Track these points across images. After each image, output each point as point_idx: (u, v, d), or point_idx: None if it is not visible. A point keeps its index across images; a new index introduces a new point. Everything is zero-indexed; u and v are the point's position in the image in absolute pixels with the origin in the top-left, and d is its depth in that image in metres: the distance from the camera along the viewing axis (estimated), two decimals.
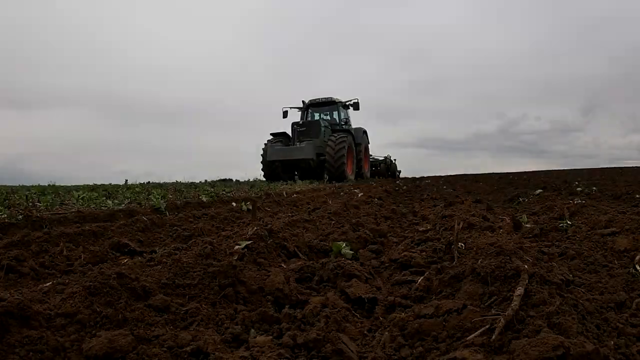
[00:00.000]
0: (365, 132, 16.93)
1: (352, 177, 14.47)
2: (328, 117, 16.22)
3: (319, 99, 16.05)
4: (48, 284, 1.46)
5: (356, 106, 16.03)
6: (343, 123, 16.15)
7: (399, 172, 22.73)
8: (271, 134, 14.89)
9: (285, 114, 15.69)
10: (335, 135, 13.83)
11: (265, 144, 14.42)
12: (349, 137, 14.03)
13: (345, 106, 16.81)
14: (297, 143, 13.70)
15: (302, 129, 14.42)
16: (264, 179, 14.16)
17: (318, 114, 16.37)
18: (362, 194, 6.57)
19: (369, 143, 17.70)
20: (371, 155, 19.73)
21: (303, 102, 16.31)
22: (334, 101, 16.01)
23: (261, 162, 14.63)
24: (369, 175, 17.60)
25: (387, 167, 20.53)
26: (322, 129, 14.55)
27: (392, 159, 21.17)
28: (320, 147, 13.77)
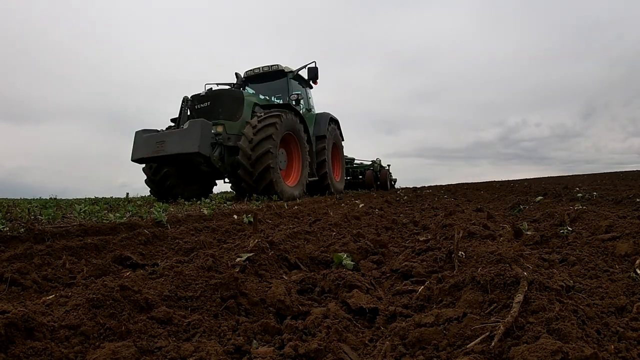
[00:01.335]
0: (333, 120, 11.12)
1: (296, 191, 8.37)
2: (279, 101, 9.90)
3: (258, 68, 10.00)
4: (51, 296, 1.47)
5: (313, 74, 9.89)
6: (293, 101, 9.71)
7: (394, 181, 18.10)
8: (172, 120, 8.57)
9: None
10: (262, 112, 7.99)
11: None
12: (287, 117, 8.04)
13: (301, 80, 10.70)
14: (183, 126, 7.36)
15: (203, 104, 8.02)
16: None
17: (265, 96, 9.93)
18: (362, 204, 6.58)
19: (342, 139, 11.99)
20: (353, 160, 15.55)
21: (237, 75, 10.07)
22: (282, 71, 9.94)
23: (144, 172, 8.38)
24: (342, 187, 11.78)
25: (375, 176, 15.47)
26: (247, 104, 8.26)
27: (382, 164, 16.14)
28: (235, 135, 7.76)
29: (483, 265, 1.69)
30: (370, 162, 15.82)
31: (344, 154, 12.80)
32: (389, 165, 16.85)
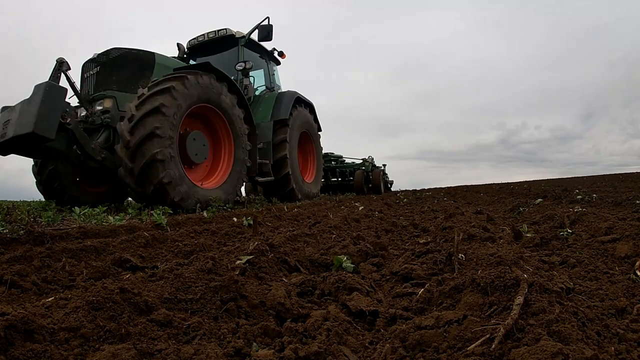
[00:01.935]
0: (303, 102, 8.54)
1: (220, 195, 5.78)
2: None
3: (203, 35, 7.81)
4: (50, 298, 1.47)
5: (264, 33, 7.29)
6: (240, 72, 7.27)
7: (390, 183, 16.12)
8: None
9: None
10: (155, 80, 5.37)
11: None
12: (199, 82, 5.49)
13: (262, 51, 8.40)
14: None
15: (92, 71, 5.87)
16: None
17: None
18: (362, 207, 6.58)
19: (319, 130, 9.52)
20: (341, 158, 13.58)
21: (179, 46, 7.88)
22: (232, 36, 7.64)
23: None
24: (316, 190, 9.22)
25: (366, 176, 12.87)
26: (161, 70, 5.97)
27: (374, 163, 13.57)
28: (115, 112, 5.53)
29: (483, 267, 1.69)
30: (361, 161, 13.23)
31: (324, 150, 10.24)
32: (384, 165, 14.66)
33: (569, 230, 2.86)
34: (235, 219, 4.40)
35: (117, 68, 5.83)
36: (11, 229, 2.87)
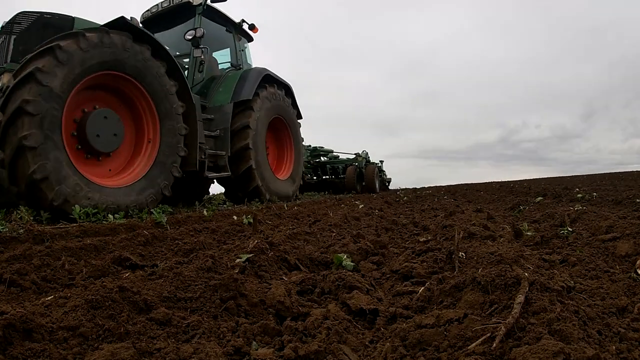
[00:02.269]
0: (274, 81, 7.20)
1: (134, 191, 4.37)
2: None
3: (156, 6, 6.65)
4: (50, 297, 1.47)
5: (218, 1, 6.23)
6: (189, 39, 6.02)
7: (388, 181, 15.08)
8: None
9: None
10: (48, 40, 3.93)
11: None
12: (107, 43, 4.07)
13: (228, 23, 7.10)
14: None
15: (1, 40, 4.59)
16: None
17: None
18: (362, 205, 6.58)
19: (299, 117, 8.11)
20: (332, 153, 12.28)
21: (133, 20, 5.57)
22: (189, 3, 6.36)
23: None
24: (292, 189, 7.73)
25: (359, 173, 11.77)
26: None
27: (368, 158, 12.30)
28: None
29: (483, 266, 1.69)
30: (354, 156, 11.95)
31: (315, 144, 9.33)
32: (381, 162, 13.60)
33: (569, 229, 2.86)
34: (235, 217, 4.40)
35: (26, 37, 4.66)
36: (11, 227, 2.86)
